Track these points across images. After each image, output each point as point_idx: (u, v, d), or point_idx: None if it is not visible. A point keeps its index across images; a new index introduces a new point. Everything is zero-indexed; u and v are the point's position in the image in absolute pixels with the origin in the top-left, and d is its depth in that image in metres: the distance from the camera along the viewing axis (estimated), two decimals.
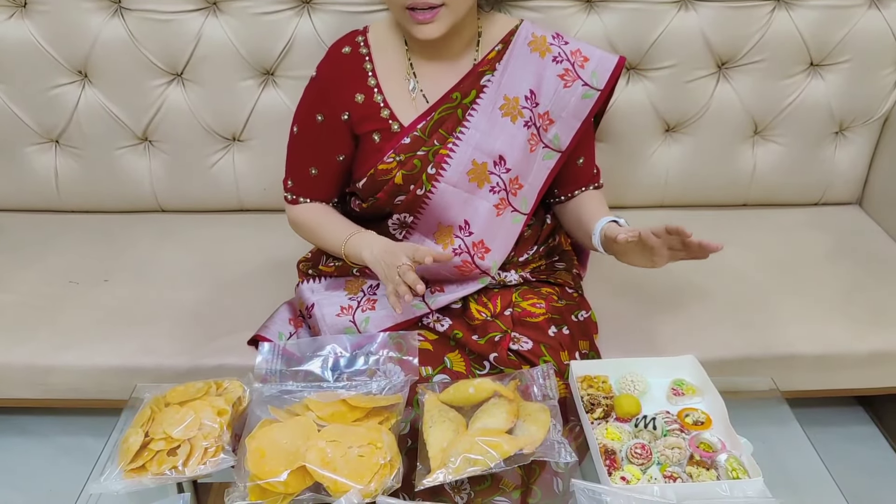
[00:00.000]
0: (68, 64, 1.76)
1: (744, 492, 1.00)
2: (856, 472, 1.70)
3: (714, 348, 1.48)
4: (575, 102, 1.36)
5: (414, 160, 1.33)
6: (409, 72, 1.37)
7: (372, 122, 1.36)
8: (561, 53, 1.36)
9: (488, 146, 1.35)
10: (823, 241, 1.83)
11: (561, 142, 1.39)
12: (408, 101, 1.37)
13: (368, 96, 1.35)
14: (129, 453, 1.03)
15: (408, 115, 1.36)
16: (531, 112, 1.36)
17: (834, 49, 1.77)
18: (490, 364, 1.28)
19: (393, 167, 1.34)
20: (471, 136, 1.34)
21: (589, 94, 1.36)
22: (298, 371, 1.20)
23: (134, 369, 1.47)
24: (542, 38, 1.37)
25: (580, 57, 1.37)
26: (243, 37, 1.72)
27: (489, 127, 1.35)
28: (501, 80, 1.35)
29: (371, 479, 0.98)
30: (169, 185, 1.89)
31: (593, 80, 1.36)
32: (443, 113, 1.35)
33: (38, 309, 1.59)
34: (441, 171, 1.34)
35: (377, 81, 1.36)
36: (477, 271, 1.37)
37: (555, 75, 1.36)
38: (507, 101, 1.35)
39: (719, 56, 1.77)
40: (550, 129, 1.37)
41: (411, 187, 1.34)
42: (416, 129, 1.34)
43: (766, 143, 1.89)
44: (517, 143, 1.35)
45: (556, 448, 1.04)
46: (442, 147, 1.34)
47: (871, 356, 1.52)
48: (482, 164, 1.35)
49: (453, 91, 1.36)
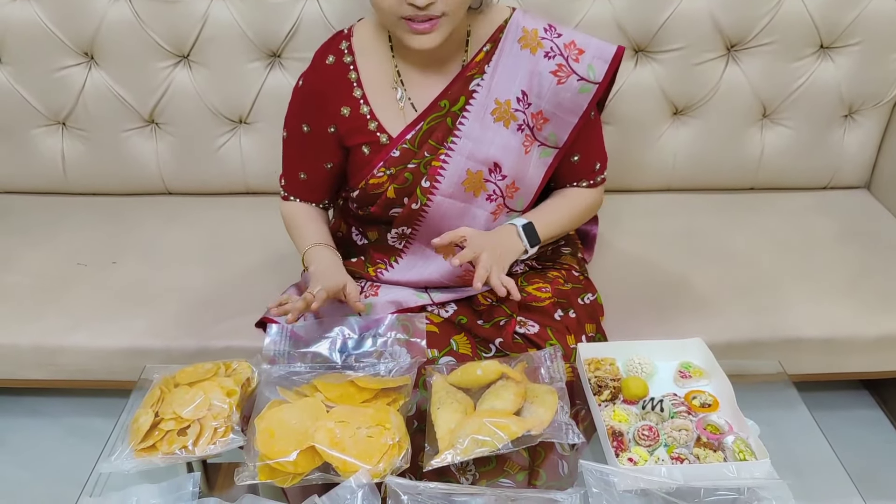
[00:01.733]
0: (75, 46, 1.75)
1: (751, 473, 1.01)
2: (862, 455, 1.71)
3: (721, 331, 1.48)
4: (571, 98, 1.29)
5: (405, 173, 1.30)
6: (397, 80, 1.31)
7: (360, 134, 1.31)
8: (553, 48, 1.28)
9: (482, 154, 1.29)
10: (831, 225, 1.82)
11: (558, 138, 1.33)
12: (395, 111, 1.31)
13: (354, 108, 1.31)
14: (140, 433, 1.04)
15: (396, 126, 1.31)
16: (524, 114, 1.30)
17: (844, 31, 1.75)
18: (496, 348, 1.28)
19: (384, 181, 1.30)
20: (463, 145, 1.29)
21: (586, 87, 1.28)
22: (306, 353, 1.21)
23: (142, 350, 1.48)
24: (533, 31, 1.29)
25: (574, 50, 1.28)
26: (250, 18, 1.71)
27: (481, 134, 1.29)
28: (491, 84, 1.29)
29: (379, 459, 0.99)
30: (176, 167, 1.89)
31: (589, 73, 1.28)
32: (431, 122, 1.30)
33: (47, 290, 1.60)
34: (436, 183, 1.30)
35: (363, 92, 1.31)
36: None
37: (547, 72, 1.27)
38: (498, 105, 1.29)
39: (728, 38, 1.75)
40: (545, 128, 1.32)
41: (405, 200, 1.32)
42: (405, 141, 1.29)
43: (774, 126, 1.88)
44: (512, 148, 1.30)
45: (564, 429, 1.05)
46: (434, 158, 1.30)
47: (878, 340, 1.52)
48: (477, 172, 1.30)
49: (441, 99, 1.29)
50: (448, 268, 1.34)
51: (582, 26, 1.70)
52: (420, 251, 1.38)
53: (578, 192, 1.41)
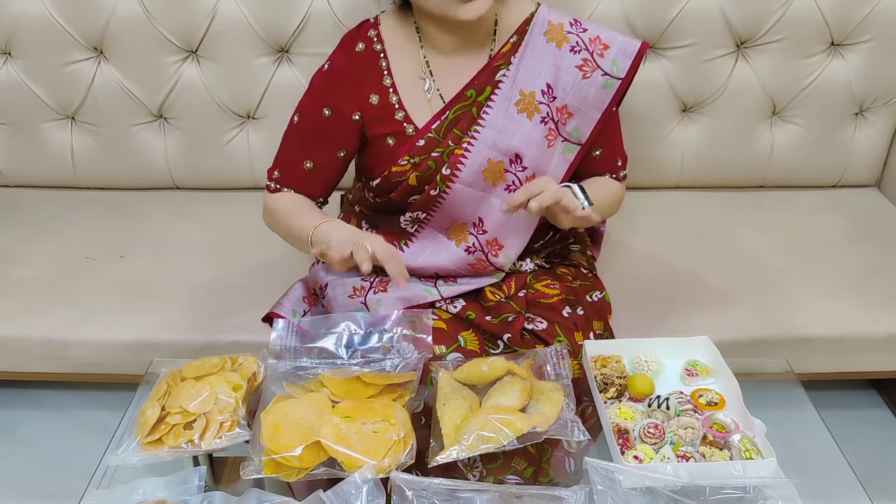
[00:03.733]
0: (84, 40, 1.76)
1: (757, 472, 1.00)
2: (869, 455, 1.70)
3: (729, 329, 1.48)
4: (595, 93, 1.30)
5: (428, 161, 1.30)
6: (426, 70, 1.32)
7: (386, 124, 1.31)
8: (579, 42, 1.29)
9: (504, 144, 1.30)
10: (841, 223, 1.81)
11: (581, 134, 1.33)
12: (423, 102, 1.31)
13: (383, 97, 1.30)
14: (147, 426, 1.04)
15: (422, 117, 1.31)
16: (548, 107, 1.30)
17: (855, 28, 1.74)
18: (504, 344, 1.28)
19: (407, 169, 1.30)
20: (486, 135, 1.29)
21: (609, 83, 1.30)
22: (312, 348, 1.21)
23: (150, 344, 1.49)
24: (559, 25, 1.30)
25: (600, 45, 1.29)
26: (258, 14, 1.72)
27: (505, 124, 1.29)
28: (517, 75, 1.29)
29: (385, 454, 0.99)
30: (184, 162, 1.90)
31: (614, 68, 1.29)
32: (457, 112, 1.30)
33: (55, 284, 1.61)
34: (456, 171, 1.30)
35: (392, 81, 1.31)
36: (491, 268, 1.36)
37: (573, 66, 1.29)
38: (523, 96, 1.29)
39: (738, 35, 1.74)
40: (569, 123, 1.32)
41: (425, 188, 1.32)
42: (431, 131, 1.30)
43: (784, 123, 1.87)
44: (534, 140, 1.30)
45: (570, 426, 1.04)
46: (457, 147, 1.30)
47: (886, 339, 1.51)
48: (498, 162, 1.30)
49: (467, 89, 1.30)
50: (459, 255, 1.34)
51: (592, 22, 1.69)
52: (431, 236, 1.37)
53: (610, 181, 1.43)
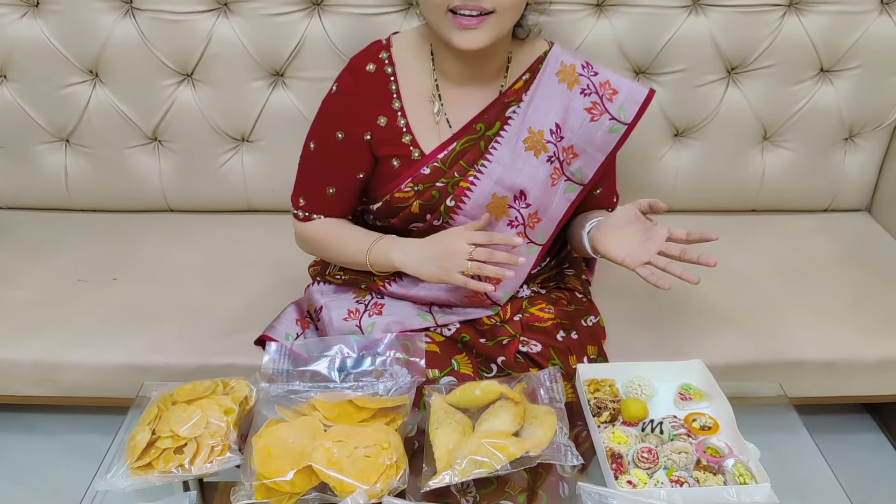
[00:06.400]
0: (80, 63, 1.77)
1: (751, 497, 1.00)
2: (863, 480, 1.70)
3: (722, 353, 1.48)
4: (601, 137, 1.31)
5: (433, 191, 1.30)
6: (435, 94, 1.32)
7: (392, 146, 1.31)
8: (590, 85, 1.30)
9: (510, 181, 1.30)
10: (832, 247, 1.82)
11: (584, 175, 1.34)
12: (431, 126, 1.32)
13: (392, 119, 1.30)
14: (136, 451, 1.03)
15: (430, 142, 1.31)
16: (555, 146, 1.31)
17: (844, 55, 1.76)
18: (498, 367, 1.28)
19: (410, 196, 1.31)
20: (493, 169, 1.30)
21: (616, 128, 1.31)
22: (305, 371, 1.20)
23: (141, 367, 1.48)
24: (571, 67, 1.31)
25: (609, 89, 1.30)
26: (253, 38, 1.73)
27: (512, 160, 1.30)
28: (527, 112, 1.30)
29: (377, 479, 0.98)
30: (178, 184, 1.90)
31: (621, 114, 1.31)
32: (465, 144, 1.30)
33: (47, 306, 1.60)
34: (461, 204, 1.30)
35: (401, 104, 1.30)
36: (487, 301, 1.36)
37: (582, 108, 1.30)
38: (531, 134, 1.30)
39: (729, 61, 1.76)
40: (574, 163, 1.33)
41: (427, 217, 1.32)
42: (437, 160, 1.30)
43: (775, 148, 1.88)
44: (539, 178, 1.31)
45: (563, 451, 1.04)
46: (462, 179, 1.30)
47: (879, 363, 1.51)
48: (503, 198, 1.31)
49: (476, 122, 1.31)
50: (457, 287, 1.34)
51: (584, 48, 1.71)
52: None
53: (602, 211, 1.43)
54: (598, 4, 1.71)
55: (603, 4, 1.71)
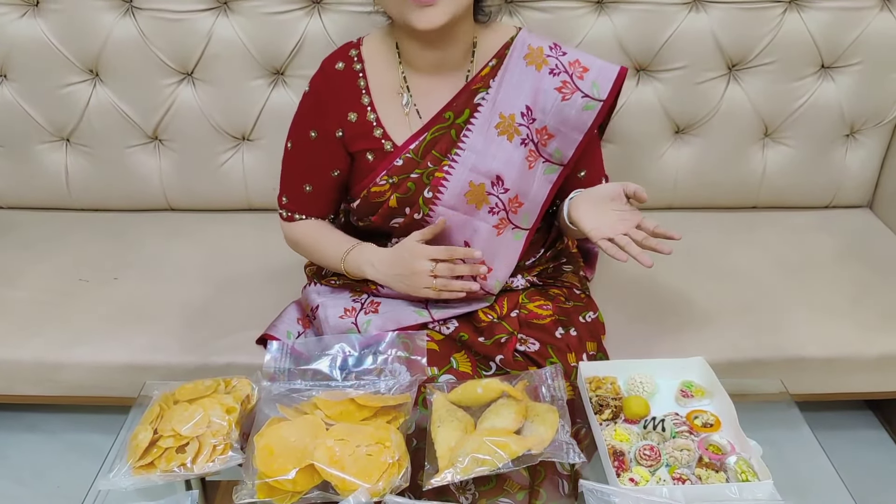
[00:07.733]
0: (80, 62, 1.77)
1: (753, 494, 1.00)
2: (865, 476, 1.69)
3: (723, 350, 1.48)
4: (576, 115, 1.30)
5: (408, 183, 1.31)
6: (403, 86, 1.33)
7: (365, 140, 1.33)
8: (558, 65, 1.30)
9: (485, 167, 1.30)
10: (833, 243, 1.82)
11: (563, 155, 1.34)
12: (401, 118, 1.33)
13: (362, 114, 1.32)
14: (139, 450, 1.03)
15: (401, 134, 1.32)
16: (528, 129, 1.31)
17: (845, 51, 1.76)
18: (496, 365, 1.28)
19: (386, 189, 1.31)
20: (466, 157, 1.30)
21: (590, 105, 1.29)
22: (307, 370, 1.20)
23: (143, 367, 1.48)
24: (538, 49, 1.31)
25: (579, 67, 1.30)
26: (254, 36, 1.73)
27: (485, 147, 1.30)
28: (496, 98, 1.30)
29: (379, 477, 0.98)
30: (178, 183, 1.90)
31: (594, 90, 1.29)
32: (435, 133, 1.31)
33: (48, 306, 1.60)
34: (438, 194, 1.30)
35: (370, 99, 1.32)
36: (481, 292, 1.35)
37: (552, 88, 1.29)
38: (502, 119, 1.30)
39: (730, 57, 1.76)
40: (550, 144, 1.32)
41: (407, 210, 1.32)
42: (409, 151, 1.31)
43: (776, 145, 1.88)
44: (515, 162, 1.31)
45: (565, 448, 1.04)
46: (437, 170, 1.31)
47: (880, 359, 1.51)
48: (479, 185, 1.31)
49: (445, 110, 1.31)
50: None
51: (584, 45, 1.71)
52: None
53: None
54: (598, 2, 1.71)
55: (603, 2, 1.71)
